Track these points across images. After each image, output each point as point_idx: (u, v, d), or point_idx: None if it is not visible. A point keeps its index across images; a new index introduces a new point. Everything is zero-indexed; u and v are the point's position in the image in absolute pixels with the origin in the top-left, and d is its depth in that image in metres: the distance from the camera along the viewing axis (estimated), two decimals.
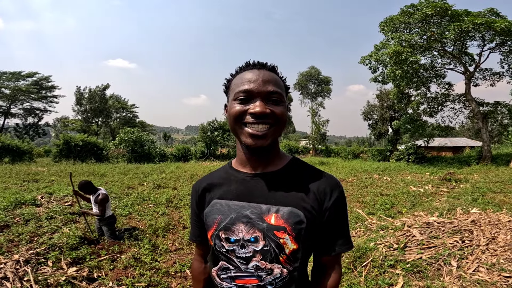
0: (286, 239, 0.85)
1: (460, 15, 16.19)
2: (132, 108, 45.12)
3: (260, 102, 0.83)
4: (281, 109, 0.86)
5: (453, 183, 10.60)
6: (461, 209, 5.84)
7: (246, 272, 0.88)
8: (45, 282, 3.08)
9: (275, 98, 0.86)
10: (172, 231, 5.35)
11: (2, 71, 33.52)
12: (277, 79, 0.89)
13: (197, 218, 1.04)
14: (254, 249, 0.87)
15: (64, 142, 19.35)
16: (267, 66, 0.90)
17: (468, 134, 41.80)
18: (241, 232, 0.88)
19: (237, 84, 0.88)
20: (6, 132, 32.42)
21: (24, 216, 5.29)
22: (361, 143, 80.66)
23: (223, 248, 0.91)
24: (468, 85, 18.51)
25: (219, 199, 0.94)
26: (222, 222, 0.91)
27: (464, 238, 4.04)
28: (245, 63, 0.92)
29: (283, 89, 0.91)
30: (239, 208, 0.90)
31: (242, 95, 0.85)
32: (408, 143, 21.77)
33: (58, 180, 9.69)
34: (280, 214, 0.86)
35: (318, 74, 34.87)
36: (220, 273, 0.93)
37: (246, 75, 0.87)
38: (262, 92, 0.84)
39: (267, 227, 0.86)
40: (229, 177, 0.97)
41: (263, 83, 0.85)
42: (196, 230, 1.07)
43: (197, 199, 1.02)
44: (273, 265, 0.86)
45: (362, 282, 3.18)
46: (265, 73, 0.87)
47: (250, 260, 0.87)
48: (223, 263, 0.92)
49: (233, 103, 0.87)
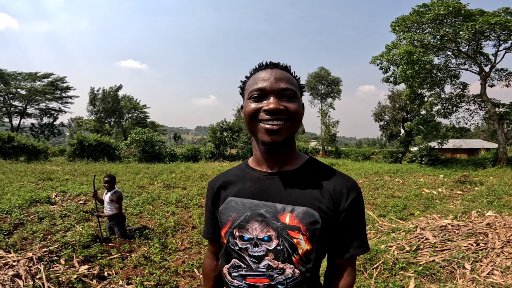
0: (300, 239, 0.85)
1: (474, 15, 15.86)
2: (143, 108, 45.82)
3: (273, 98, 0.85)
4: (295, 106, 0.87)
5: (468, 186, 10.33)
6: (476, 212, 5.70)
7: (258, 271, 0.88)
8: (57, 280, 3.14)
9: (289, 94, 0.87)
10: (181, 230, 5.38)
11: (18, 72, 34.55)
12: (290, 77, 0.90)
13: (212, 215, 1.05)
14: (267, 248, 0.87)
15: (78, 141, 19.77)
16: (279, 65, 0.92)
17: (483, 136, 40.81)
18: (255, 231, 0.88)
19: (251, 84, 0.90)
20: (22, 132, 33.37)
21: (39, 214, 5.42)
22: (371, 144, 79.65)
23: (236, 246, 0.91)
24: (483, 86, 18.06)
25: (234, 197, 0.95)
26: (236, 220, 0.91)
27: (478, 241, 3.95)
28: (258, 64, 0.94)
29: (296, 87, 0.91)
30: (254, 207, 0.90)
31: (256, 93, 0.87)
32: (421, 144, 21.37)
33: (72, 179, 9.91)
34: (295, 214, 0.86)
35: (327, 74, 34.61)
36: (231, 271, 0.93)
37: (259, 74, 0.89)
38: (275, 89, 0.85)
39: (282, 226, 0.86)
40: (245, 175, 0.98)
41: (276, 81, 0.86)
42: (210, 228, 1.08)
43: (212, 196, 1.03)
44: (285, 265, 0.86)
45: (372, 285, 3.13)
46: (278, 72, 0.89)
47: (262, 259, 0.87)
48: (235, 261, 0.92)
49: (248, 102, 0.89)
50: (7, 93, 34.10)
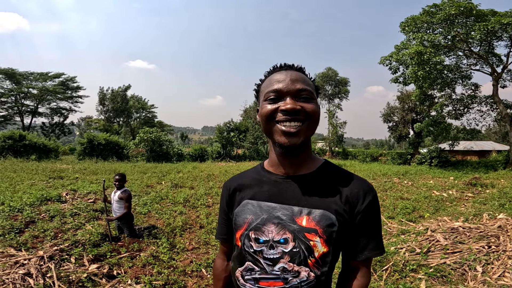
0: (317, 242, 0.85)
1: (486, 15, 15.66)
2: (151, 108, 46.26)
3: (290, 99, 0.84)
4: (312, 106, 0.86)
5: (478, 188, 10.15)
6: (487, 214, 5.60)
7: (272, 274, 0.88)
8: (67, 278, 3.17)
9: (305, 95, 0.86)
10: (189, 230, 5.41)
11: (30, 72, 35.23)
12: (305, 78, 0.90)
13: (226, 216, 1.06)
14: (283, 251, 0.87)
15: (88, 140, 20.07)
16: (294, 66, 0.92)
17: (494, 138, 40.04)
18: (271, 233, 0.88)
19: (267, 86, 0.90)
20: (33, 131, 34.00)
21: (50, 212, 5.50)
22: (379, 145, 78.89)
23: (251, 249, 0.91)
24: (495, 87, 17.74)
25: (251, 200, 0.95)
26: (253, 222, 0.91)
27: (490, 244, 3.91)
28: (273, 66, 0.94)
29: (312, 88, 0.91)
30: (270, 209, 0.90)
31: (272, 95, 0.86)
32: (431, 146, 21.07)
33: (82, 178, 10.05)
34: (312, 217, 0.86)
35: (335, 75, 34.41)
36: (244, 274, 0.93)
37: (274, 76, 0.89)
38: (291, 90, 0.85)
39: (298, 229, 0.86)
40: (261, 178, 0.98)
41: (292, 82, 0.86)
42: (224, 229, 1.08)
43: (227, 198, 1.04)
44: (300, 267, 0.85)
45: (382, 286, 3.10)
46: (293, 73, 0.88)
47: (277, 262, 0.87)
48: (249, 263, 0.92)
49: (264, 104, 0.88)
50: (19, 92, 34.81)
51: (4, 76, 33.50)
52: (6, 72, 33.28)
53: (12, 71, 33.60)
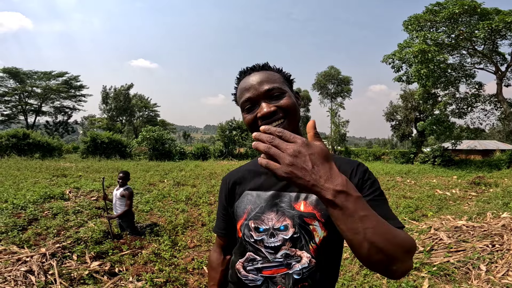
0: (316, 226, 0.86)
1: (490, 14, 15.57)
2: (153, 107, 46.37)
3: (263, 103, 0.85)
4: (285, 101, 0.86)
5: (482, 187, 10.07)
6: (491, 213, 5.55)
7: (274, 262, 0.87)
8: (69, 276, 3.19)
9: (275, 93, 0.87)
10: (191, 228, 5.41)
11: (34, 71, 35.41)
12: (270, 76, 0.90)
13: (224, 211, 1.06)
14: (283, 238, 0.87)
15: (91, 139, 20.17)
16: (256, 68, 0.93)
17: (498, 137, 39.75)
18: (271, 221, 0.89)
19: (239, 96, 0.92)
20: (37, 129, 34.15)
21: (53, 210, 5.52)
22: (382, 145, 78.57)
23: (252, 238, 0.91)
24: (499, 85, 17.59)
25: (250, 190, 0.97)
26: (252, 211, 0.93)
27: (494, 242, 3.89)
28: (239, 72, 0.96)
29: (281, 81, 0.90)
30: (269, 198, 0.92)
31: (246, 104, 0.88)
32: (434, 145, 20.93)
33: (85, 176, 10.10)
34: (309, 201, 0.87)
35: (337, 74, 34.29)
36: (246, 265, 0.93)
37: (242, 85, 0.91)
38: (260, 94, 0.86)
39: (297, 214, 0.87)
40: (258, 170, 0.99)
41: (258, 85, 0.87)
42: (222, 223, 1.08)
43: (226, 192, 1.04)
44: (302, 252, 0.86)
45: (384, 284, 3.08)
46: (256, 76, 0.89)
47: (279, 249, 0.87)
48: (250, 254, 0.92)
49: (243, 114, 0.91)
50: (23, 91, 35.00)
51: (8, 75, 33.72)
52: (10, 71, 33.49)
53: (16, 70, 33.80)
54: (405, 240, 0.64)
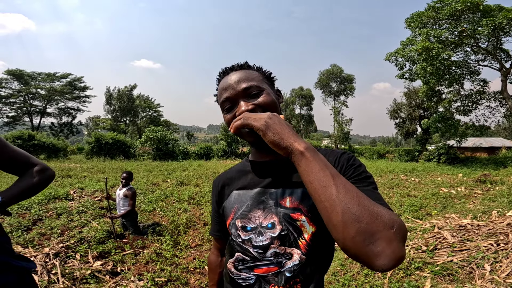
0: (303, 221, 0.84)
1: (493, 10, 15.43)
2: (157, 107, 46.55)
3: (241, 102, 0.85)
4: (262, 99, 0.86)
5: (488, 185, 9.96)
6: (496, 211, 5.49)
7: (265, 261, 0.87)
8: (72, 275, 3.21)
9: (253, 91, 0.87)
10: (193, 227, 5.42)
11: (38, 73, 35.69)
12: (248, 74, 0.90)
13: (217, 213, 1.07)
14: (271, 236, 0.86)
15: (95, 140, 20.29)
16: (235, 67, 0.94)
17: (504, 134, 39.35)
18: (258, 219, 0.88)
19: (219, 97, 0.93)
20: (42, 131, 34.46)
21: (57, 210, 5.57)
22: (386, 143, 78.08)
23: (239, 238, 0.91)
24: (504, 82, 17.42)
25: (237, 190, 0.97)
26: (238, 210, 0.92)
27: (499, 241, 3.81)
28: (219, 72, 0.97)
29: (259, 80, 0.90)
30: (255, 195, 0.91)
31: (225, 104, 0.89)
32: (439, 143, 20.77)
33: (89, 176, 10.17)
34: (295, 197, 0.86)
35: (340, 72, 34.13)
36: (237, 265, 0.92)
37: (221, 85, 0.92)
38: (238, 93, 0.87)
39: (283, 211, 0.86)
40: (245, 169, 1.01)
41: (236, 84, 0.87)
42: (216, 226, 1.09)
43: (217, 195, 1.05)
44: (292, 249, 0.84)
45: (386, 284, 3.05)
46: (234, 75, 0.90)
47: (268, 248, 0.86)
48: (239, 254, 0.92)
49: (223, 114, 0.92)
50: (27, 93, 35.31)
51: (13, 77, 34.02)
52: (14, 73, 33.79)
53: (20, 72, 34.10)
54: (388, 215, 0.59)
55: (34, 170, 1.29)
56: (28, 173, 1.28)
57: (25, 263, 1.22)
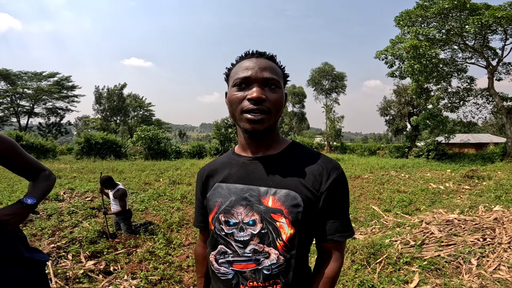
0: (283, 223, 0.85)
1: (480, 9, 15.73)
2: (148, 106, 46.09)
3: (257, 88, 0.85)
4: (276, 96, 0.87)
5: (475, 181, 10.20)
6: (483, 206, 5.63)
7: (243, 257, 0.88)
8: (64, 275, 3.19)
9: (272, 85, 0.87)
10: (186, 226, 5.43)
11: (24, 72, 34.92)
12: (274, 67, 0.91)
13: (201, 204, 1.07)
14: (251, 232, 0.88)
15: (85, 140, 19.99)
16: (265, 55, 0.92)
17: (491, 130, 40.18)
18: (240, 215, 0.89)
19: (236, 72, 0.90)
20: (30, 131, 33.78)
21: (47, 211, 5.50)
22: (377, 139, 79.03)
23: (222, 232, 0.92)
24: (491, 80, 17.81)
25: (221, 183, 0.97)
26: (222, 205, 0.93)
27: (485, 236, 3.90)
28: (244, 52, 0.94)
29: (280, 77, 0.92)
30: (238, 191, 0.91)
31: (240, 81, 0.87)
32: (428, 139, 21.13)
33: (79, 177, 10.03)
34: (278, 197, 0.87)
35: (332, 70, 34.38)
36: (218, 258, 0.94)
37: (244, 63, 0.89)
38: (259, 78, 0.86)
39: (265, 210, 0.87)
40: (231, 162, 1.00)
41: (260, 70, 0.87)
42: (200, 217, 1.09)
43: (201, 186, 1.05)
44: (270, 249, 0.86)
45: (375, 279, 3.12)
46: (263, 61, 0.89)
47: (247, 244, 0.88)
48: (221, 247, 0.93)
49: (232, 90, 0.89)
50: (14, 93, 34.56)
51: None
52: (0, 73, 33.01)
53: (6, 72, 33.32)
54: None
55: (45, 175, 1.46)
56: (41, 177, 1.44)
57: (39, 255, 1.35)
